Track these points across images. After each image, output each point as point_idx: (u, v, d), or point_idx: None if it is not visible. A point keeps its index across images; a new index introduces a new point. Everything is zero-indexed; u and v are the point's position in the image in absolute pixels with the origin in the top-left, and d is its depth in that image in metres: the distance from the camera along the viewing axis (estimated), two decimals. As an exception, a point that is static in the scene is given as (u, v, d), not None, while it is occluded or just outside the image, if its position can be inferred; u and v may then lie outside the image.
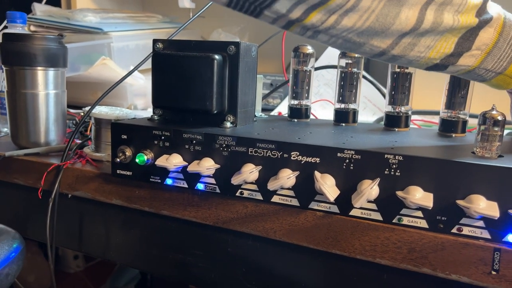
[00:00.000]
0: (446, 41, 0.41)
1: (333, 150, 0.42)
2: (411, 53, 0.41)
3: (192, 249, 0.51)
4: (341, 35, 0.40)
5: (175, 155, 0.48)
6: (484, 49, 0.42)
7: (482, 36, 0.42)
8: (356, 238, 0.41)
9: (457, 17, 0.40)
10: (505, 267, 0.36)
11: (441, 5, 0.39)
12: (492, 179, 0.37)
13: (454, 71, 0.44)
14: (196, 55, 0.49)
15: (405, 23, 0.39)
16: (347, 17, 0.38)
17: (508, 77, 0.44)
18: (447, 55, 0.42)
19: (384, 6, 0.38)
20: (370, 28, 0.39)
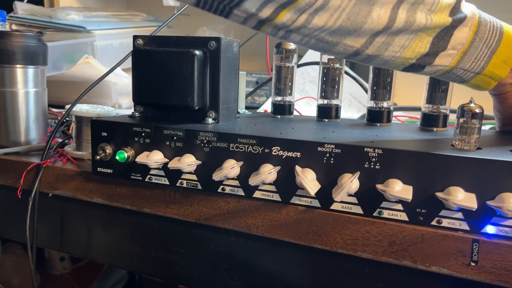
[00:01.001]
0: (421, 41, 0.41)
1: (314, 145, 0.42)
2: (386, 52, 0.41)
3: (174, 246, 0.51)
4: (313, 35, 0.40)
5: (155, 151, 0.47)
6: (460, 48, 0.42)
7: (457, 35, 0.42)
8: (337, 232, 0.41)
9: (430, 16, 0.40)
10: (484, 258, 0.36)
11: (413, 4, 0.40)
12: (470, 171, 0.37)
13: (431, 71, 0.44)
14: (176, 51, 0.49)
15: (377, 22, 0.39)
16: (318, 16, 0.38)
17: (487, 77, 0.45)
18: (423, 54, 0.42)
19: (355, 4, 0.38)
20: (342, 27, 0.39)
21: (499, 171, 0.36)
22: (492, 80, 0.45)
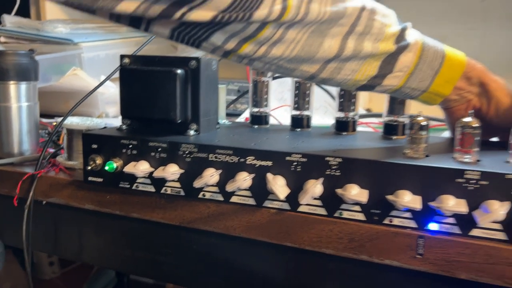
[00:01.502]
0: (370, 65, 0.47)
1: (283, 155, 0.47)
2: (338, 76, 0.47)
3: (160, 248, 0.56)
4: (273, 62, 0.45)
5: (142, 162, 0.52)
6: (406, 70, 0.49)
7: (402, 59, 0.48)
8: (304, 231, 0.47)
9: (376, 44, 0.46)
10: (428, 251, 0.42)
11: (361, 35, 0.46)
12: (416, 176, 0.43)
13: (382, 90, 0.50)
14: (160, 70, 0.54)
15: (328, 51, 0.45)
16: (276, 48, 0.44)
17: (433, 95, 0.51)
18: (372, 76, 0.48)
19: (308, 37, 0.44)
20: (298, 56, 0.44)
21: (439, 176, 0.42)
22: (438, 97, 0.51)
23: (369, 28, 0.46)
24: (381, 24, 0.47)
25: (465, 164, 0.43)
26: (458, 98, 0.53)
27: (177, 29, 0.42)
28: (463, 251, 0.41)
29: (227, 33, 0.42)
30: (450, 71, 0.50)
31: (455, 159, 0.45)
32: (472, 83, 0.52)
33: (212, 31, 0.42)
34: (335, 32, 0.45)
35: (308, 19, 0.43)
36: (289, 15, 0.41)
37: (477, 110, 0.54)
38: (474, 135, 0.45)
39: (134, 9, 0.38)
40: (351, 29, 0.45)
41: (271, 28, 0.42)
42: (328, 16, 0.43)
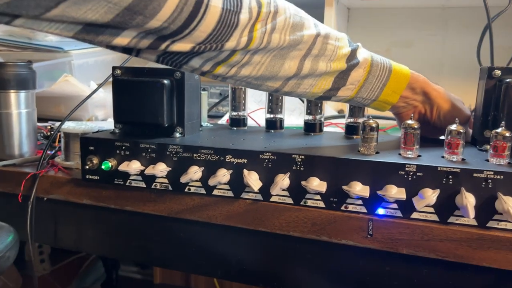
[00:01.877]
0: (325, 80, 0.56)
1: (256, 153, 0.55)
2: (298, 89, 0.56)
3: (151, 236, 0.63)
4: (243, 80, 0.54)
5: (134, 161, 0.59)
6: (356, 84, 0.57)
7: (353, 75, 0.57)
8: (275, 218, 0.55)
9: (329, 64, 0.55)
10: (376, 232, 0.51)
11: (316, 57, 0.54)
12: (366, 169, 0.51)
13: (337, 100, 0.59)
14: (148, 80, 0.62)
15: (288, 71, 0.53)
16: (244, 69, 0.52)
17: (382, 103, 0.60)
18: (327, 90, 0.57)
19: (271, 60, 0.52)
20: (263, 75, 0.53)
21: (384, 169, 0.51)
22: (387, 105, 0.61)
23: (323, 51, 0.55)
24: (334, 47, 0.55)
25: (407, 159, 0.52)
26: (405, 105, 0.62)
27: (162, 55, 0.50)
28: (404, 231, 0.50)
29: (203, 58, 0.50)
30: (396, 83, 0.59)
31: (401, 155, 0.54)
32: (416, 93, 0.62)
33: (191, 57, 0.50)
34: (294, 55, 0.53)
35: (270, 47, 0.51)
36: (254, 44, 0.50)
37: (422, 115, 0.64)
38: (415, 135, 0.54)
39: (127, 43, 0.45)
40: (308, 52, 0.54)
41: (239, 54, 0.51)
42: (287, 43, 0.52)
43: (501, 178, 0.47)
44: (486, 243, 0.47)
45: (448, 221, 0.49)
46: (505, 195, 0.47)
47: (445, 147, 0.53)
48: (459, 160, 0.52)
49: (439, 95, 0.62)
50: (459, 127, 0.52)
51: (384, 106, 0.61)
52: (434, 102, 0.62)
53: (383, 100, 0.60)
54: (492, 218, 0.48)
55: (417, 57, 1.27)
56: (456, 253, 0.48)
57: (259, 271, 0.59)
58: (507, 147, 0.50)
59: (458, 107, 0.63)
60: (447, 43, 1.23)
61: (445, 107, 0.62)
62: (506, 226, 0.48)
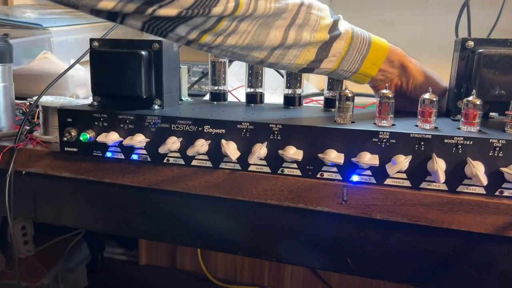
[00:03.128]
0: (309, 51, 0.56)
1: (234, 123, 0.56)
2: (283, 61, 0.56)
3: (131, 208, 0.64)
4: (229, 50, 0.54)
5: (112, 132, 0.59)
6: (338, 55, 0.58)
7: (335, 47, 0.57)
8: (253, 186, 0.56)
9: (313, 34, 0.55)
10: (350, 198, 0.52)
11: (300, 26, 0.54)
12: (341, 137, 0.52)
13: (320, 72, 0.60)
14: (126, 52, 0.61)
15: (274, 40, 0.53)
16: (230, 38, 0.52)
17: (362, 75, 0.61)
18: (311, 61, 0.57)
19: (257, 29, 0.52)
20: (249, 45, 0.53)
21: (358, 137, 0.52)
22: (366, 77, 0.61)
23: (307, 21, 0.55)
24: (317, 17, 0.56)
25: (381, 127, 0.53)
26: (383, 78, 0.63)
27: (148, 22, 0.49)
28: (377, 197, 0.51)
29: (190, 25, 0.50)
30: (375, 56, 0.60)
31: (376, 124, 0.55)
32: (393, 66, 0.63)
33: (177, 24, 0.50)
34: (279, 24, 0.53)
35: (256, 14, 0.51)
36: (241, 10, 0.50)
37: (399, 87, 0.65)
38: (389, 104, 0.55)
39: (112, 7, 0.45)
40: (292, 22, 0.54)
41: (226, 21, 0.50)
42: (273, 11, 0.52)
43: (470, 144, 0.49)
44: (456, 207, 0.49)
45: (420, 187, 0.51)
46: (474, 160, 0.48)
47: (418, 116, 0.54)
48: (432, 128, 0.53)
49: (415, 67, 0.63)
50: (432, 96, 0.53)
51: (363, 78, 0.62)
52: (410, 75, 0.63)
53: (363, 73, 0.61)
54: (462, 183, 0.49)
55: (400, 36, 1.28)
56: (427, 217, 0.50)
57: (238, 240, 0.60)
58: (477, 115, 0.52)
59: (434, 79, 0.65)
60: (428, 22, 1.24)
61: (421, 79, 0.63)
62: (474, 191, 0.49)
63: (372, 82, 0.65)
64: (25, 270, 1.40)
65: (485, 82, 0.57)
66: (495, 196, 0.48)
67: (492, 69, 0.56)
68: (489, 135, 0.49)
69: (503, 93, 0.57)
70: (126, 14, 0.48)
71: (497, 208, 0.47)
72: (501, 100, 0.57)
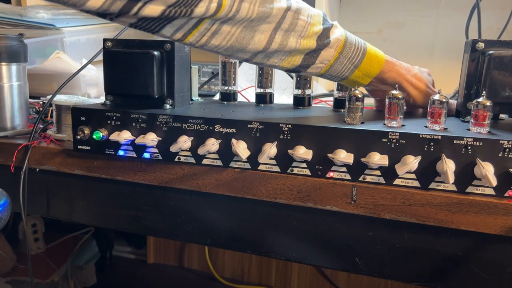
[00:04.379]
0: (295, 56, 0.57)
1: (244, 123, 0.56)
2: (267, 62, 0.57)
3: (142, 205, 0.65)
4: (213, 50, 0.55)
5: (125, 131, 0.60)
6: (326, 63, 0.59)
7: (323, 54, 0.58)
8: (263, 185, 0.56)
9: (299, 40, 0.55)
10: (359, 198, 0.52)
11: (286, 31, 0.55)
12: (350, 138, 0.53)
13: (307, 74, 0.61)
14: (139, 52, 0.62)
15: (258, 44, 0.54)
16: (215, 39, 0.53)
17: (352, 81, 0.62)
18: (297, 66, 0.58)
19: (241, 31, 0.53)
20: (232, 47, 0.54)
21: (368, 137, 0.52)
22: (356, 84, 0.62)
23: (293, 26, 0.55)
24: (305, 23, 0.56)
25: (390, 128, 0.53)
26: (375, 88, 0.64)
27: (135, 24, 0.50)
28: (386, 197, 0.51)
29: (175, 26, 0.51)
30: (369, 67, 0.60)
31: (385, 125, 0.56)
32: (385, 83, 0.63)
33: (163, 25, 0.51)
34: (264, 28, 0.54)
35: (239, 16, 0.51)
36: (223, 11, 0.50)
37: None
38: (399, 105, 0.55)
39: (100, 5, 0.45)
40: (277, 26, 0.54)
41: (207, 23, 0.51)
42: (256, 15, 0.52)
43: (480, 145, 0.49)
44: (465, 207, 0.49)
45: (429, 187, 0.51)
46: (483, 161, 0.48)
47: (428, 116, 0.55)
48: (442, 129, 0.53)
49: (411, 83, 0.63)
50: (442, 97, 0.53)
51: (353, 84, 0.62)
52: (404, 90, 0.64)
53: (354, 80, 0.62)
54: (471, 184, 0.50)
55: (409, 38, 1.27)
56: (436, 217, 0.50)
57: (247, 238, 0.61)
58: (487, 116, 0.52)
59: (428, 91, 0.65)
60: (439, 24, 1.24)
61: (416, 94, 0.64)
62: (484, 191, 0.49)
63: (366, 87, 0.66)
64: (35, 267, 1.42)
65: (495, 84, 0.57)
66: (505, 197, 0.48)
67: (502, 70, 0.57)
68: (499, 136, 0.49)
69: (513, 95, 0.57)
70: (113, 16, 0.48)
71: (506, 209, 0.47)
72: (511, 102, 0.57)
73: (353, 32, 0.62)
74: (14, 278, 1.38)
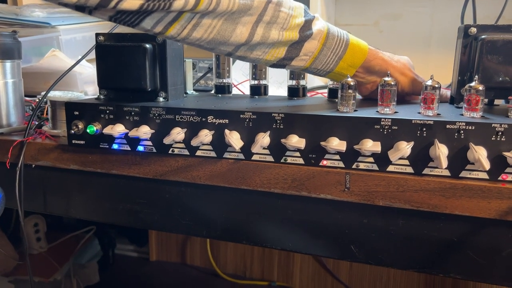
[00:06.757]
0: (278, 49, 0.57)
1: (237, 113, 0.56)
2: (251, 55, 0.57)
3: (137, 199, 0.65)
4: (195, 43, 0.54)
5: (118, 124, 0.61)
6: (310, 55, 0.58)
7: (307, 46, 0.57)
8: (257, 175, 0.56)
9: (282, 32, 0.55)
10: (353, 185, 0.52)
11: (268, 24, 0.54)
12: (342, 125, 0.52)
13: (292, 69, 0.60)
14: (131, 45, 0.62)
15: (240, 37, 0.53)
16: (196, 31, 0.52)
17: (338, 74, 0.61)
18: (280, 58, 0.58)
19: (223, 23, 0.52)
20: (214, 39, 0.53)
21: (360, 124, 0.52)
22: (342, 77, 0.61)
23: (275, 18, 0.55)
24: (287, 15, 0.55)
25: (382, 115, 0.53)
26: (362, 80, 0.64)
27: (114, 16, 0.50)
28: (380, 183, 0.51)
29: (154, 19, 0.50)
30: (352, 57, 0.60)
31: (378, 112, 0.55)
32: (371, 72, 0.63)
33: (142, 18, 0.50)
34: (246, 20, 0.53)
35: (219, 10, 0.51)
36: (203, 6, 0.49)
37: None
38: (391, 92, 0.55)
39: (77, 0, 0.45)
40: (259, 18, 0.54)
41: (186, 16, 0.51)
42: (237, 7, 0.52)
43: (472, 129, 0.48)
44: (458, 192, 0.49)
45: (423, 173, 0.51)
46: (476, 145, 0.48)
47: (420, 103, 0.54)
48: (435, 114, 0.53)
49: (396, 69, 0.63)
50: (434, 82, 0.53)
51: (339, 78, 0.62)
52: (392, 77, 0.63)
53: (339, 73, 0.61)
54: (465, 168, 0.49)
55: (406, 29, 1.27)
56: (430, 202, 0.50)
57: (243, 229, 0.60)
58: (480, 101, 0.52)
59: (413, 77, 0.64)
60: (435, 15, 1.23)
61: (402, 80, 0.64)
62: (477, 176, 0.49)
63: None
64: (38, 266, 1.43)
65: (488, 68, 0.57)
66: (498, 180, 0.48)
67: (495, 55, 0.56)
68: (491, 120, 0.49)
69: (507, 79, 0.57)
70: (92, 9, 0.48)
71: (500, 193, 0.47)
72: (505, 87, 0.57)
73: (349, 24, 0.62)
74: (17, 277, 1.38)
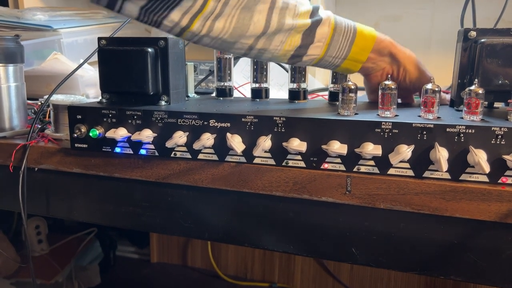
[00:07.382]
0: (294, 37, 0.57)
1: (239, 117, 0.57)
2: (270, 47, 0.57)
3: (140, 202, 0.65)
4: (218, 37, 0.55)
5: (121, 128, 0.61)
6: (324, 41, 0.59)
7: (319, 32, 0.58)
8: (258, 178, 0.57)
9: (295, 18, 0.56)
10: (354, 188, 0.53)
11: (281, 10, 0.55)
12: (344, 129, 0.53)
13: (308, 60, 0.61)
14: (133, 49, 0.63)
15: (258, 25, 0.55)
16: (218, 22, 0.53)
17: (352, 61, 0.62)
18: (297, 46, 0.58)
19: (240, 12, 0.54)
20: (235, 30, 0.54)
21: (361, 127, 0.52)
22: (357, 63, 0.62)
23: (286, 5, 0.56)
24: (296, 2, 0.57)
25: (383, 118, 0.53)
26: (373, 66, 0.64)
27: (145, 6, 0.51)
28: (381, 186, 0.52)
29: (182, 9, 0.51)
30: (363, 41, 0.61)
31: (379, 115, 0.56)
32: (383, 54, 0.63)
33: (172, 8, 0.51)
34: (261, 8, 0.55)
35: None
36: None
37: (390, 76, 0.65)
38: (392, 95, 0.55)
39: None
40: (272, 5, 0.55)
41: (210, 6, 0.52)
42: None
43: (472, 132, 0.49)
44: (459, 195, 0.49)
45: (423, 176, 0.51)
46: (476, 148, 0.48)
47: (421, 106, 0.55)
48: (435, 118, 0.53)
49: (405, 56, 0.64)
50: (435, 86, 0.53)
51: (355, 65, 0.62)
52: (401, 63, 0.64)
53: (353, 58, 0.61)
54: (465, 171, 0.50)
55: (406, 31, 1.27)
56: (430, 205, 0.50)
57: (244, 232, 0.61)
58: (479, 104, 0.52)
59: (423, 69, 0.65)
60: (435, 16, 1.24)
61: (413, 72, 0.64)
62: (477, 178, 0.49)
63: (363, 70, 0.65)
64: (39, 268, 1.43)
65: (488, 72, 0.57)
66: (498, 183, 0.49)
67: (495, 58, 0.57)
68: (491, 123, 0.49)
69: (507, 83, 0.57)
70: None
71: (500, 195, 0.47)
72: (505, 90, 0.57)
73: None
74: (19, 280, 1.39)
